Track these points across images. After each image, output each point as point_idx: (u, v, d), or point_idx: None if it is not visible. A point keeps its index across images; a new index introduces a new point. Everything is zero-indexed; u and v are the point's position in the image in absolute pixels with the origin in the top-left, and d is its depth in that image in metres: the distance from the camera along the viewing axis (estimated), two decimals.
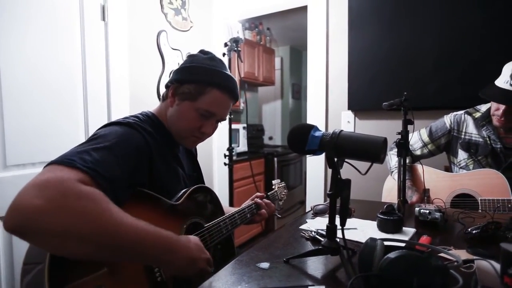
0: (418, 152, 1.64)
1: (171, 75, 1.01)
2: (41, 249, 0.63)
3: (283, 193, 1.41)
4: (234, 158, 2.95)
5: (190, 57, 1.00)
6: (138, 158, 0.80)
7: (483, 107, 1.49)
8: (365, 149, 0.68)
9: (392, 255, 0.61)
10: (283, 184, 1.43)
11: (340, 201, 0.74)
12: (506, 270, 0.56)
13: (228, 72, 1.00)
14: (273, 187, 1.39)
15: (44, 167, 0.66)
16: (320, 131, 0.75)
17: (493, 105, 1.40)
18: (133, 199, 0.78)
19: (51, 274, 0.61)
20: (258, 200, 1.21)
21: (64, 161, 0.66)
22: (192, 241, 0.78)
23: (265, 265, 0.77)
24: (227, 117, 2.22)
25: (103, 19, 1.81)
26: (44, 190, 0.58)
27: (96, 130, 0.84)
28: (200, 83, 0.94)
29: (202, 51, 1.02)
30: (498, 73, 1.36)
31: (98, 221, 0.61)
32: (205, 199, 1.03)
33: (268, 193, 1.31)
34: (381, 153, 0.67)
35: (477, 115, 1.49)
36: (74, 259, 0.64)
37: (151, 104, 2.18)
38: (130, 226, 0.65)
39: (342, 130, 0.73)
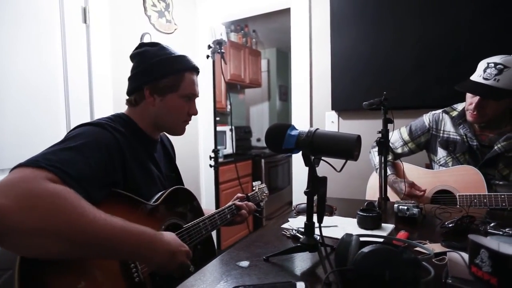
0: (399, 151, 1.68)
1: (134, 80, 1.00)
2: (14, 252, 0.61)
3: (264, 194, 1.43)
4: (221, 160, 2.95)
5: (141, 54, 1.00)
6: (108, 158, 0.80)
7: (460, 106, 1.53)
8: (339, 147, 0.70)
9: (365, 249, 0.62)
10: (263, 186, 1.45)
11: (317, 198, 0.75)
12: (473, 260, 0.58)
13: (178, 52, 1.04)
14: (254, 188, 1.41)
15: (10, 171, 0.65)
16: (297, 129, 0.76)
17: (467, 100, 1.44)
18: (109, 201, 0.78)
19: (22, 279, 0.59)
20: (237, 202, 1.22)
21: (28, 162, 0.65)
22: (170, 236, 0.79)
23: (244, 263, 0.78)
24: (213, 119, 2.23)
25: (85, 21, 1.80)
26: (9, 190, 0.58)
27: (68, 132, 0.84)
28: (175, 73, 0.99)
29: (147, 44, 1.03)
30: (473, 73, 1.40)
31: (69, 217, 0.60)
32: (184, 200, 1.04)
33: (249, 194, 1.32)
34: (355, 150, 0.69)
35: (454, 113, 1.53)
36: (49, 258, 0.63)
37: None
38: (105, 222, 0.65)
39: (317, 129, 0.74)
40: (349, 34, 2.05)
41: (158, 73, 0.97)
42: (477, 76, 1.36)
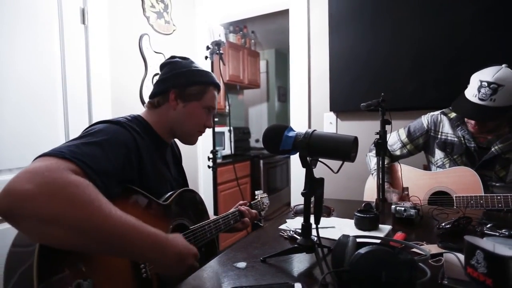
0: (398, 153, 1.68)
1: (162, 83, 1.05)
2: (29, 237, 0.63)
3: (265, 203, 1.43)
4: (220, 161, 2.95)
5: (172, 63, 1.07)
6: (127, 155, 0.82)
7: None
8: (336, 148, 0.70)
9: (362, 250, 0.62)
10: (265, 195, 1.46)
11: (314, 199, 0.75)
12: (469, 261, 0.58)
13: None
14: (256, 197, 1.41)
15: (34, 159, 0.67)
16: (294, 131, 0.77)
17: None
18: (123, 195, 0.79)
19: (40, 263, 0.61)
20: (242, 208, 1.23)
21: (53, 152, 0.67)
22: (179, 239, 0.79)
23: (242, 264, 0.78)
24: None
25: (83, 22, 1.80)
26: (34, 177, 0.60)
27: (86, 128, 0.86)
28: (202, 84, 1.06)
29: (179, 57, 1.10)
30: (471, 74, 1.40)
31: (86, 209, 0.61)
32: (192, 202, 1.06)
33: (251, 202, 1.33)
34: (352, 151, 0.69)
35: (452, 115, 1.54)
36: (61, 248, 0.64)
37: (134, 107, 2.17)
38: (119, 219, 0.65)
39: (315, 130, 0.74)
40: (347, 35, 2.06)
41: (187, 80, 1.04)
42: (472, 96, 1.35)
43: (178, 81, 1.03)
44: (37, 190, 0.58)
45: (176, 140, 1.17)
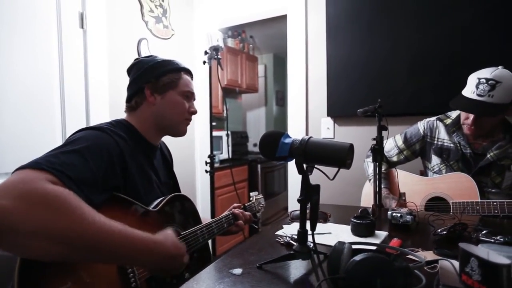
0: (395, 159, 1.69)
1: (134, 84, 1.05)
2: (13, 253, 0.62)
3: (261, 205, 1.42)
4: (218, 165, 2.95)
5: (137, 64, 1.07)
6: (109, 161, 0.80)
7: (454, 114, 1.55)
8: (332, 155, 0.70)
9: (357, 257, 0.62)
10: (261, 196, 1.45)
11: (310, 206, 0.75)
12: (464, 269, 0.59)
13: None
14: (251, 198, 1.40)
15: (12, 173, 0.66)
16: (291, 137, 0.77)
17: (462, 114, 1.45)
18: (109, 204, 0.78)
19: (20, 284, 0.60)
20: (236, 211, 1.22)
21: (29, 164, 0.66)
22: (169, 239, 0.78)
23: (238, 271, 0.78)
24: (209, 124, 2.24)
25: (82, 26, 1.80)
26: (9, 191, 0.58)
27: (68, 137, 0.85)
28: (172, 72, 1.05)
29: (142, 57, 1.11)
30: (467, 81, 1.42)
31: (68, 218, 0.60)
32: (183, 207, 1.05)
33: (246, 204, 1.32)
34: (347, 158, 0.70)
35: (448, 121, 1.55)
36: (46, 260, 0.63)
37: None
38: (103, 225, 0.64)
39: (311, 137, 0.75)
40: (344, 41, 2.07)
41: (157, 72, 1.02)
42: (470, 93, 1.35)
43: (149, 76, 1.02)
44: (14, 204, 0.56)
45: (171, 142, 1.16)
